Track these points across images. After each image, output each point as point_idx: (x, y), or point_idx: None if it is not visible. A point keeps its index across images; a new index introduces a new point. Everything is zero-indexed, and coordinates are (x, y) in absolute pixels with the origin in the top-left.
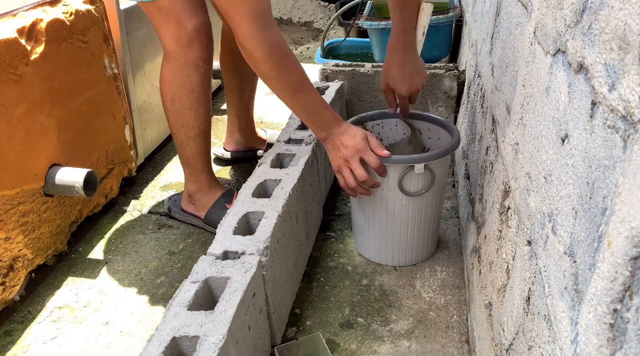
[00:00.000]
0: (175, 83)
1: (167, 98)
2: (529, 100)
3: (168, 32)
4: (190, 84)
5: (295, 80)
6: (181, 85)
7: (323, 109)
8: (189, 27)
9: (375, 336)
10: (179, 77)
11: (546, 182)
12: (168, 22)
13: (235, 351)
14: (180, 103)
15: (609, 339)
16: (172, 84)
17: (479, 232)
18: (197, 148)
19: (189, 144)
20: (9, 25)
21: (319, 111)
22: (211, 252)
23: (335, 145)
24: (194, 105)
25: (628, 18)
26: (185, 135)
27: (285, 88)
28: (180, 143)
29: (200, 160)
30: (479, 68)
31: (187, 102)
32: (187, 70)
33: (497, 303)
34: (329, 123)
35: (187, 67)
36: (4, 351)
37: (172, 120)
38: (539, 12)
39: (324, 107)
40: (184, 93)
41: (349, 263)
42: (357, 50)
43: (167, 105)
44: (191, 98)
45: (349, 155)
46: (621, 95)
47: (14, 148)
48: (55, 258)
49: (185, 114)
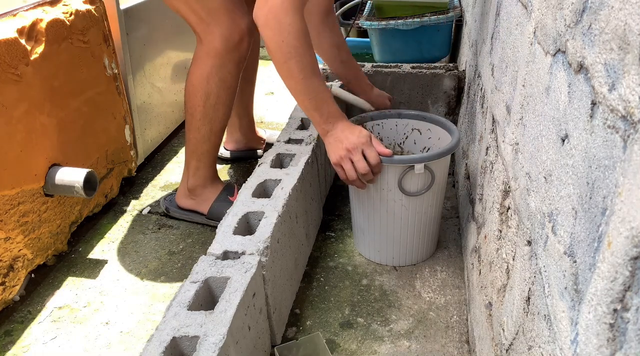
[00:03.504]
0: (216, 79)
1: (201, 94)
2: (529, 100)
3: (218, 30)
4: (231, 79)
5: (313, 64)
6: (221, 81)
7: (332, 101)
8: (243, 25)
9: (375, 336)
10: (221, 73)
11: (546, 182)
12: (219, 19)
13: (235, 351)
14: (215, 99)
15: (609, 339)
16: (212, 79)
17: (479, 232)
18: (216, 142)
19: (210, 138)
20: (9, 25)
21: (329, 101)
22: (211, 252)
23: (338, 138)
24: (228, 101)
25: (628, 18)
26: (211, 130)
27: (305, 69)
28: (201, 138)
29: (213, 154)
30: (479, 68)
31: (223, 97)
32: (231, 67)
33: (497, 303)
34: (334, 116)
35: (232, 63)
36: (4, 351)
37: (200, 115)
38: (539, 12)
39: (332, 98)
40: (222, 88)
41: (349, 263)
42: (357, 50)
43: (199, 100)
44: (228, 93)
45: (352, 147)
46: (621, 95)
47: (14, 148)
48: (55, 258)
49: (219, 109)
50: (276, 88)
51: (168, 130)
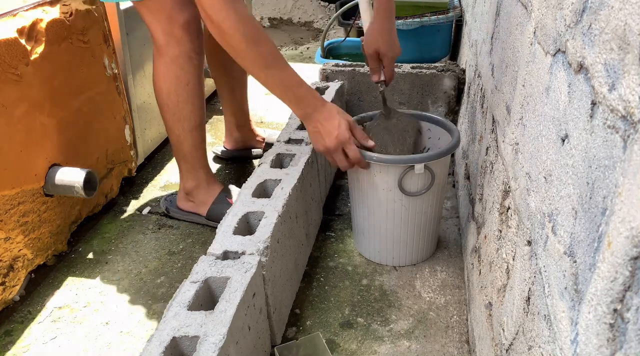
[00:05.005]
0: (170, 76)
1: (163, 93)
2: (529, 100)
3: (159, 26)
4: (185, 76)
5: (266, 54)
6: (176, 78)
7: (299, 86)
8: (181, 20)
9: (375, 336)
10: (173, 70)
11: (546, 182)
12: (159, 16)
13: (235, 351)
14: (176, 97)
15: (609, 339)
16: (167, 77)
17: (479, 232)
18: (194, 141)
19: (186, 138)
20: (9, 25)
21: (295, 88)
22: (211, 252)
23: (317, 130)
24: (190, 98)
25: (628, 18)
26: (182, 129)
27: (256, 62)
28: (177, 138)
29: (197, 154)
30: (479, 68)
31: (183, 94)
32: (181, 63)
33: (497, 303)
34: (305, 101)
35: (181, 59)
36: (4, 351)
37: (168, 114)
38: (539, 12)
39: (299, 83)
40: (179, 85)
41: (349, 263)
42: (357, 50)
43: (163, 100)
44: (187, 90)
45: (332, 148)
46: (621, 95)
47: (14, 148)
48: (55, 258)
49: (182, 107)
50: None
51: None
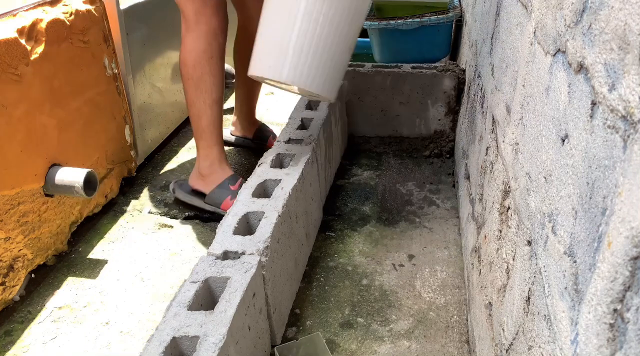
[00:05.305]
0: (197, 50)
1: (189, 65)
2: (529, 100)
3: (192, 5)
4: (211, 50)
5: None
6: (202, 52)
7: None
8: (212, 1)
9: (375, 336)
10: (200, 44)
11: (546, 182)
12: None
13: (235, 351)
14: (201, 69)
15: (609, 339)
16: (194, 50)
17: (479, 232)
18: (213, 116)
19: (206, 112)
20: (9, 25)
21: None
22: (211, 252)
23: None
24: (213, 71)
25: (628, 18)
26: (204, 102)
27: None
28: (197, 112)
29: (214, 131)
30: (479, 68)
31: (207, 67)
32: (209, 39)
33: (497, 303)
34: None
35: (209, 35)
36: (4, 351)
37: (192, 87)
38: (539, 12)
39: None
40: (204, 58)
41: (349, 263)
42: (357, 50)
43: (189, 72)
44: (211, 63)
45: None
46: (621, 95)
47: (14, 148)
48: (55, 258)
49: (206, 79)
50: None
51: (168, 130)
